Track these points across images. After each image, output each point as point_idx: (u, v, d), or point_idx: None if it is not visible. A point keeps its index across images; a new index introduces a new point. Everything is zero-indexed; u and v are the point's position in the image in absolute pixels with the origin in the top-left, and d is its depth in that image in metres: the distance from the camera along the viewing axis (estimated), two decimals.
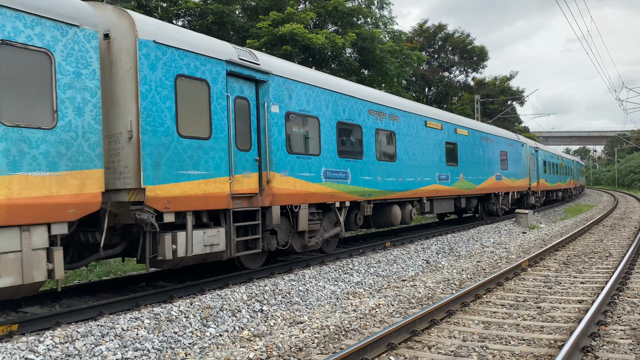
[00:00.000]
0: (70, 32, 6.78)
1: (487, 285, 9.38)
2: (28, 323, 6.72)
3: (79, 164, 6.81)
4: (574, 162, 41.61)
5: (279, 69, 10.47)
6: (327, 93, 11.81)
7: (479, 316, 7.70)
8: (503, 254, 14.18)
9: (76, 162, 6.78)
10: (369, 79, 25.93)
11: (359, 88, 13.55)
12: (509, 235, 18.94)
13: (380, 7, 28.63)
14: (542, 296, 8.89)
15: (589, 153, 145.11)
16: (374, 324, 7.47)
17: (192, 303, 7.59)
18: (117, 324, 6.53)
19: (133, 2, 19.52)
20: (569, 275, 10.76)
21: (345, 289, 9.92)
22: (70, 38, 6.79)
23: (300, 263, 11.43)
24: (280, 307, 8.39)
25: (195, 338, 6.76)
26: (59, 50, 6.65)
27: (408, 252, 13.44)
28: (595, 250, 14.31)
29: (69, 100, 6.74)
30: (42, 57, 6.49)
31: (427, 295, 9.28)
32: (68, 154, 6.69)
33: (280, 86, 10.36)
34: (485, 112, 50.58)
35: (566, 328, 6.86)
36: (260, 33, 21.71)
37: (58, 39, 6.64)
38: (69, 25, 6.76)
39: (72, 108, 6.77)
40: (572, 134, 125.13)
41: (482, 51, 50.58)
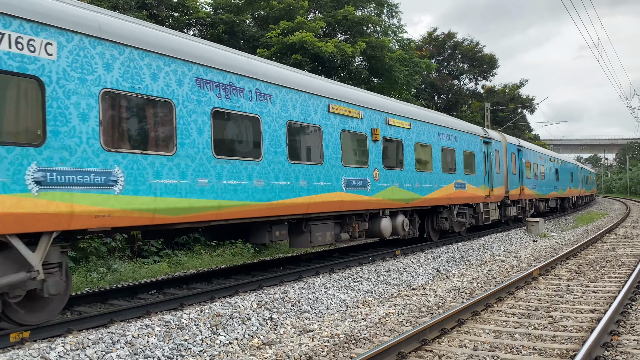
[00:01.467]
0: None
1: (498, 294, 9.32)
2: (40, 330, 6.76)
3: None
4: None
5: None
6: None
7: (490, 325, 7.65)
8: (514, 263, 14.09)
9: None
10: (378, 87, 25.96)
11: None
12: (519, 244, 18.82)
13: (390, 15, 28.73)
14: (554, 305, 8.82)
15: (601, 161, 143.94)
16: (384, 332, 7.44)
17: (202, 311, 7.61)
18: (128, 331, 6.55)
19: (145, 13, 19.73)
20: (581, 284, 10.66)
21: (355, 297, 9.90)
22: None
23: (309, 271, 11.43)
24: (290, 315, 8.38)
25: (205, 346, 6.77)
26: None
27: (418, 261, 13.39)
28: (607, 259, 14.18)
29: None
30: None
31: (437, 304, 9.24)
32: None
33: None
34: (495, 120, 50.43)
35: (578, 338, 6.80)
36: (270, 42, 21.83)
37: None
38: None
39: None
40: (583, 142, 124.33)
41: (492, 59, 50.56)
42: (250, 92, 9.48)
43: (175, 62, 8.09)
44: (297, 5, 23.64)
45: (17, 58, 6.16)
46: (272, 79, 10.03)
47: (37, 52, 6.36)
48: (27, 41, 6.26)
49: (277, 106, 10.08)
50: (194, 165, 8.21)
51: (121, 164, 7.17)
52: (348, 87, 13.31)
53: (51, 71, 6.48)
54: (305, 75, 11.77)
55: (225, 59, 9.14)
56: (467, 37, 54.90)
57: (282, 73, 10.55)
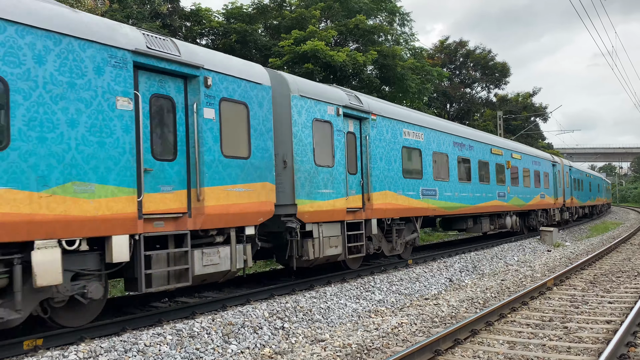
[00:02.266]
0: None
1: (512, 304, 9.22)
2: (53, 338, 6.79)
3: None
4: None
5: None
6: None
7: (504, 336, 7.56)
8: (528, 273, 13.94)
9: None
10: (390, 95, 25.96)
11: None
12: (533, 254, 18.64)
13: (402, 24, 28.76)
14: (569, 316, 8.70)
15: (615, 170, 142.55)
16: (397, 342, 7.38)
17: (213, 319, 7.61)
18: (140, 340, 6.56)
19: (158, 22, 19.94)
20: (596, 295, 10.52)
21: (367, 306, 9.84)
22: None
23: (321, 280, 11.39)
24: (302, 324, 8.35)
25: (217, 355, 6.76)
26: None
27: (430, 270, 13.30)
28: (622, 269, 13.99)
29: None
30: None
31: (450, 314, 9.15)
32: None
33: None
34: (508, 129, 50.17)
35: (594, 349, 6.70)
36: (282, 51, 21.94)
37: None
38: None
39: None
40: (596, 151, 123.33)
41: (504, 67, 50.36)
42: (466, 145, 17.86)
43: (447, 135, 16.65)
44: (309, 14, 23.76)
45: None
46: (472, 136, 18.77)
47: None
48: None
49: (476, 152, 18.50)
50: (452, 185, 16.41)
51: (438, 185, 15.43)
52: (499, 138, 23.01)
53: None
54: (487, 135, 21.65)
55: (461, 131, 18.33)
56: (479, 45, 54.76)
57: (476, 134, 19.72)
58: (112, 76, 7.08)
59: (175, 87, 8.12)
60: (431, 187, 14.99)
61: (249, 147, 9.15)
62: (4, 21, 6.06)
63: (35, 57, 6.31)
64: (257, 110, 9.39)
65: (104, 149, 6.89)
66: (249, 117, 9.21)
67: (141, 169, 7.35)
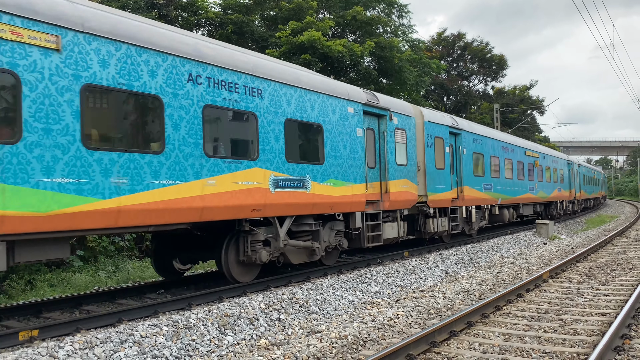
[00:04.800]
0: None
1: (508, 296, 9.25)
2: (48, 329, 6.78)
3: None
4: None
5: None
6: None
7: (500, 328, 7.58)
8: (523, 265, 13.99)
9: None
10: (388, 87, 25.89)
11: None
12: (529, 246, 18.69)
13: (400, 15, 28.65)
14: (564, 308, 8.73)
15: (611, 163, 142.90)
16: (393, 334, 7.40)
17: (210, 311, 7.60)
18: (136, 331, 6.55)
19: (154, 13, 19.80)
20: (592, 287, 10.56)
21: (363, 298, 9.85)
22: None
23: (317, 272, 11.40)
24: (298, 316, 8.36)
25: (213, 346, 6.76)
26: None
27: (427, 262, 13.33)
28: (618, 262, 14.04)
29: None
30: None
31: (446, 306, 9.18)
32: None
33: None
34: (505, 122, 50.17)
35: (589, 341, 6.72)
36: (280, 42, 21.84)
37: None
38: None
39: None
40: (593, 144, 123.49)
41: (501, 60, 50.29)
42: (507, 148, 21.91)
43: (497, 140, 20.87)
44: (306, 5, 23.63)
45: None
46: (512, 140, 23.27)
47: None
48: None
49: (515, 154, 22.76)
50: (502, 181, 20.41)
51: (493, 182, 19.55)
52: (530, 142, 27.67)
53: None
54: (522, 140, 26.40)
55: (505, 138, 22.27)
56: (477, 37, 54.68)
57: (516, 140, 24.59)
58: (356, 118, 11.90)
59: (375, 122, 12.80)
60: (489, 183, 19.25)
61: (407, 158, 13.73)
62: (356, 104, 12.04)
63: (333, 111, 11.23)
64: (409, 133, 14.01)
65: (352, 159, 11.66)
66: (407, 137, 13.88)
67: (367, 172, 12.09)
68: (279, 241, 9.85)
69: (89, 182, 6.77)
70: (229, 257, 9.46)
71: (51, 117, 6.45)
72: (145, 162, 7.45)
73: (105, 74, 7.06)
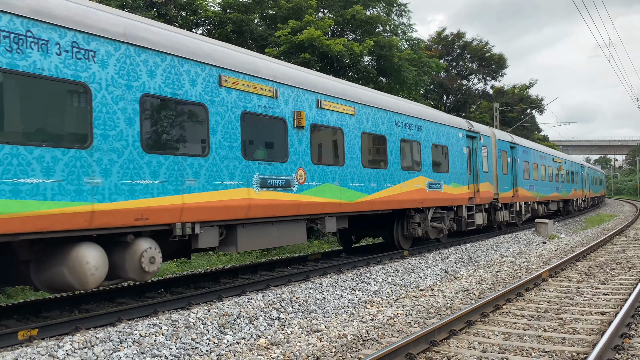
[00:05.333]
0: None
1: (507, 295, 9.25)
2: (48, 328, 6.77)
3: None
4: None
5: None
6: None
7: (499, 327, 7.58)
8: (523, 264, 13.99)
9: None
10: (387, 87, 25.87)
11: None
12: (528, 245, 18.70)
13: (399, 15, 28.62)
14: (564, 307, 8.73)
15: (610, 162, 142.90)
16: (392, 333, 7.39)
17: (209, 310, 7.60)
18: (135, 330, 6.55)
19: (153, 12, 19.77)
20: (591, 287, 10.56)
21: (363, 297, 9.85)
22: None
23: (317, 271, 11.40)
24: (298, 315, 8.35)
25: (212, 345, 6.75)
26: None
27: (426, 262, 13.33)
28: (617, 261, 14.05)
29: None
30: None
31: (445, 305, 9.18)
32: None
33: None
34: (504, 121, 50.17)
35: (589, 340, 6.72)
36: (279, 41, 21.80)
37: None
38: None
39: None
40: (592, 143, 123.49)
41: (501, 59, 50.30)
42: (542, 156, 27.99)
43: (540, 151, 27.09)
44: (305, 4, 23.60)
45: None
46: (544, 149, 29.76)
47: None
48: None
49: (546, 160, 28.41)
50: (539, 182, 26.28)
51: (534, 183, 25.45)
52: (555, 151, 34.59)
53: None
54: (551, 149, 33.73)
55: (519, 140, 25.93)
56: (476, 37, 54.67)
57: (547, 149, 31.45)
58: (462, 140, 17.03)
59: (470, 142, 17.79)
60: (532, 184, 24.55)
61: (488, 166, 18.99)
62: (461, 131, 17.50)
63: (452, 136, 16.40)
64: (490, 148, 19.42)
65: (461, 169, 16.71)
66: (489, 152, 19.14)
67: (468, 177, 17.09)
68: (426, 223, 14.84)
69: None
70: (398, 232, 14.59)
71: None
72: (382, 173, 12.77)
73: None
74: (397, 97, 15.51)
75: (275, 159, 9.58)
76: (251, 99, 9.09)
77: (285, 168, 9.72)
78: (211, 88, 8.36)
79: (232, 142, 8.66)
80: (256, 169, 9.13)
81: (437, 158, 15.31)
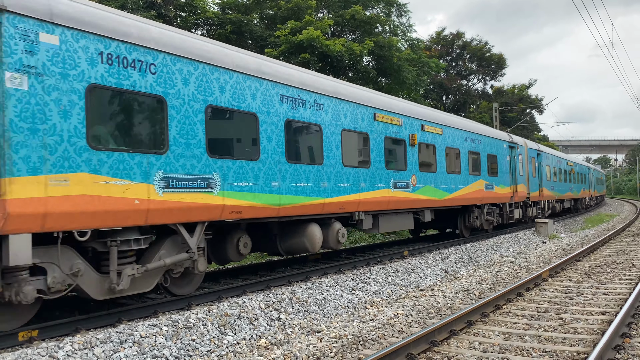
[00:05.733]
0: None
1: (507, 295, 9.25)
2: (48, 329, 6.77)
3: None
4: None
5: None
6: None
7: (500, 327, 7.58)
8: (523, 264, 13.99)
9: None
10: (387, 87, 25.87)
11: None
12: (528, 245, 18.70)
13: (399, 15, 28.63)
14: (564, 307, 8.73)
15: (610, 162, 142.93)
16: (393, 333, 7.39)
17: (209, 310, 7.60)
18: (136, 331, 6.55)
19: (153, 12, 19.77)
20: (591, 286, 10.57)
21: (363, 298, 9.85)
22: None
23: (317, 271, 11.40)
24: (298, 315, 8.35)
25: (212, 346, 6.75)
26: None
27: (426, 262, 13.33)
28: (617, 260, 14.05)
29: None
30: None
31: (446, 305, 9.18)
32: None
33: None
34: (504, 121, 50.18)
35: (589, 340, 6.73)
36: (278, 42, 21.81)
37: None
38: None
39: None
40: (592, 143, 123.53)
41: (500, 59, 50.31)
42: (559, 161, 32.63)
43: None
44: (304, 5, 23.61)
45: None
46: (564, 156, 35.83)
47: None
48: None
49: (561, 164, 32.46)
50: (557, 183, 31.40)
51: (554, 184, 30.23)
52: (573, 157, 41.26)
53: None
54: (568, 155, 40.22)
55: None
56: (476, 37, 54.70)
57: (569, 157, 38.41)
58: (506, 149, 21.06)
59: (512, 150, 21.41)
60: (552, 185, 28.51)
61: (523, 170, 22.29)
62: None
63: (500, 146, 20.57)
64: (523, 156, 22.62)
65: (506, 173, 20.68)
66: (522, 159, 22.16)
67: (510, 179, 20.86)
68: (482, 216, 18.67)
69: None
70: (461, 224, 18.33)
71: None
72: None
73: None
74: (466, 119, 19.94)
75: (401, 168, 13.43)
76: (388, 127, 13.09)
77: (405, 174, 13.57)
78: (369, 122, 12.41)
79: (380, 158, 12.66)
80: (392, 176, 13.05)
81: (491, 165, 19.31)
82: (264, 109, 9.31)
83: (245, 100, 8.93)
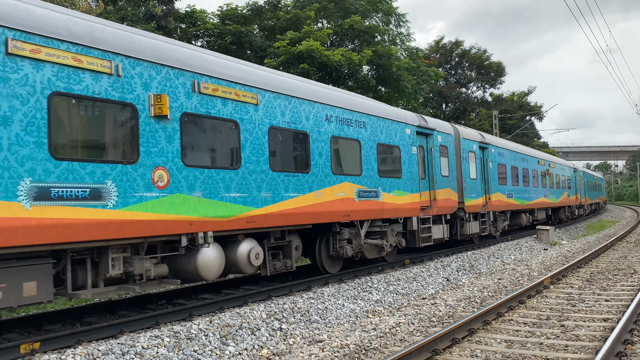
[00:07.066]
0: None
1: (509, 303, 9.24)
2: (50, 341, 6.76)
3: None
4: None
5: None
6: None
7: (502, 335, 7.57)
8: (524, 271, 13.97)
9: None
10: (386, 96, 25.97)
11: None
12: (530, 252, 18.68)
13: (398, 24, 28.80)
14: (566, 314, 8.72)
15: (610, 168, 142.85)
16: (395, 342, 7.38)
17: (211, 321, 7.60)
18: (138, 342, 6.55)
19: (153, 24, 19.91)
20: (593, 293, 10.55)
21: (365, 307, 9.84)
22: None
23: (318, 281, 11.39)
24: (300, 325, 8.35)
25: (214, 357, 6.75)
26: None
27: (428, 270, 13.32)
28: (619, 267, 14.03)
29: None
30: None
31: (447, 314, 9.17)
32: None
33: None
34: (504, 128, 50.27)
35: (591, 347, 6.72)
36: (278, 52, 21.93)
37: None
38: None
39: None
40: (592, 149, 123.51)
41: (499, 67, 50.52)
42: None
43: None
44: (304, 15, 23.76)
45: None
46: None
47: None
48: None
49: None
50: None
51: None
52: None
53: None
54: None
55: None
56: (475, 45, 54.92)
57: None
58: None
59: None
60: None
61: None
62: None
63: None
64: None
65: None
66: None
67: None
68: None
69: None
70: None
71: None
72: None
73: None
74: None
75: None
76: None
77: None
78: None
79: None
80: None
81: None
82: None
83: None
